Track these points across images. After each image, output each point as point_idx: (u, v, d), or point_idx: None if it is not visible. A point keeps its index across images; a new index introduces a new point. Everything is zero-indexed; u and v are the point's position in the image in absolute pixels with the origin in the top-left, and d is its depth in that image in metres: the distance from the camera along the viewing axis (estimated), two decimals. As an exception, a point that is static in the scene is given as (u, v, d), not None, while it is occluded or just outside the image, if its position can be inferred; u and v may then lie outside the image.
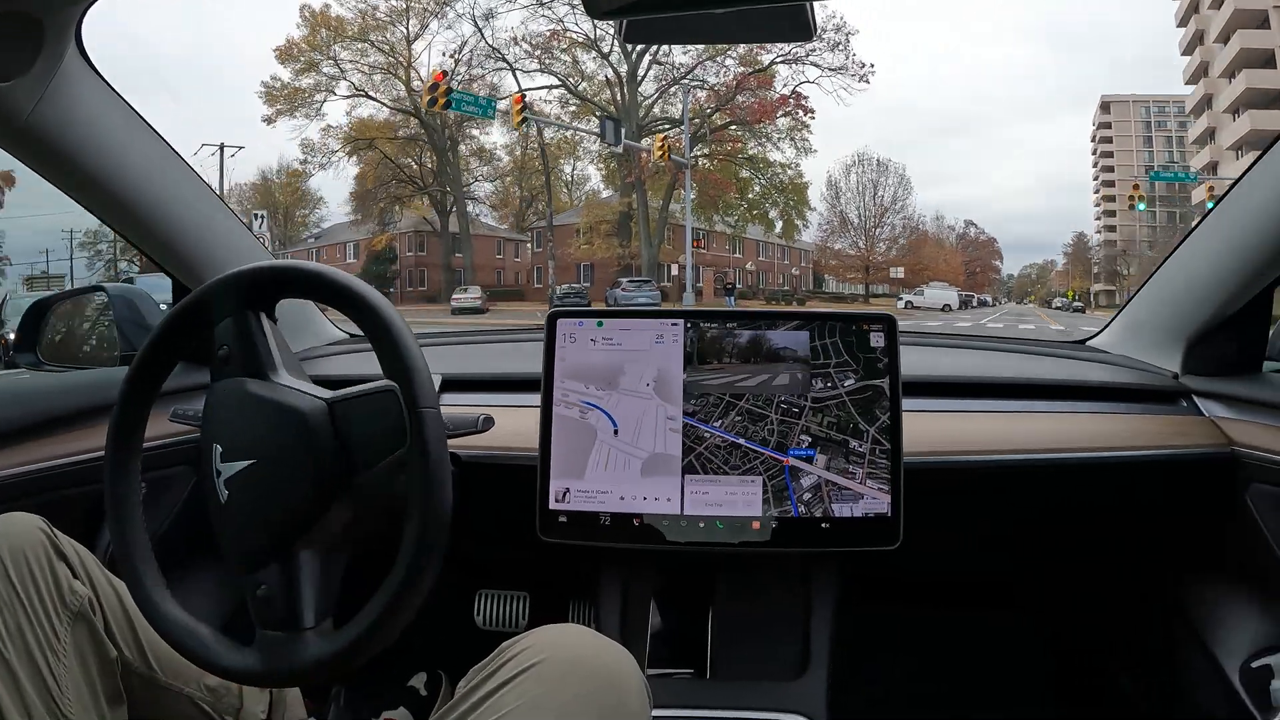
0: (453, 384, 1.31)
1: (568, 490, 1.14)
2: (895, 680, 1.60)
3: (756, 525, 1.13)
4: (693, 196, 29.76)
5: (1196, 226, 1.33)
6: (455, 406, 1.23)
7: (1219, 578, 1.31)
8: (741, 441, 1.14)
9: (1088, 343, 1.65)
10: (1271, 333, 1.32)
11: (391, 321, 0.79)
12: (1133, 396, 1.36)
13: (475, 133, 34.21)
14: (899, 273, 35.64)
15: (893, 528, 1.12)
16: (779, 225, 35.21)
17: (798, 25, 0.82)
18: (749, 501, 1.13)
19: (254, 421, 0.82)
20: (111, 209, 1.22)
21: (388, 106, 32.30)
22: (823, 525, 1.12)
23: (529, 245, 36.56)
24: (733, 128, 32.00)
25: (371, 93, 31.78)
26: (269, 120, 31.72)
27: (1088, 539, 1.43)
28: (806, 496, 1.13)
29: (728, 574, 1.28)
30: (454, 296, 29.15)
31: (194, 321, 0.88)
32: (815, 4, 0.78)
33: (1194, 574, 1.35)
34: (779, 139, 32.57)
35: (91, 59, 1.09)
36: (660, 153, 26.41)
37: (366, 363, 1.27)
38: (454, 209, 33.76)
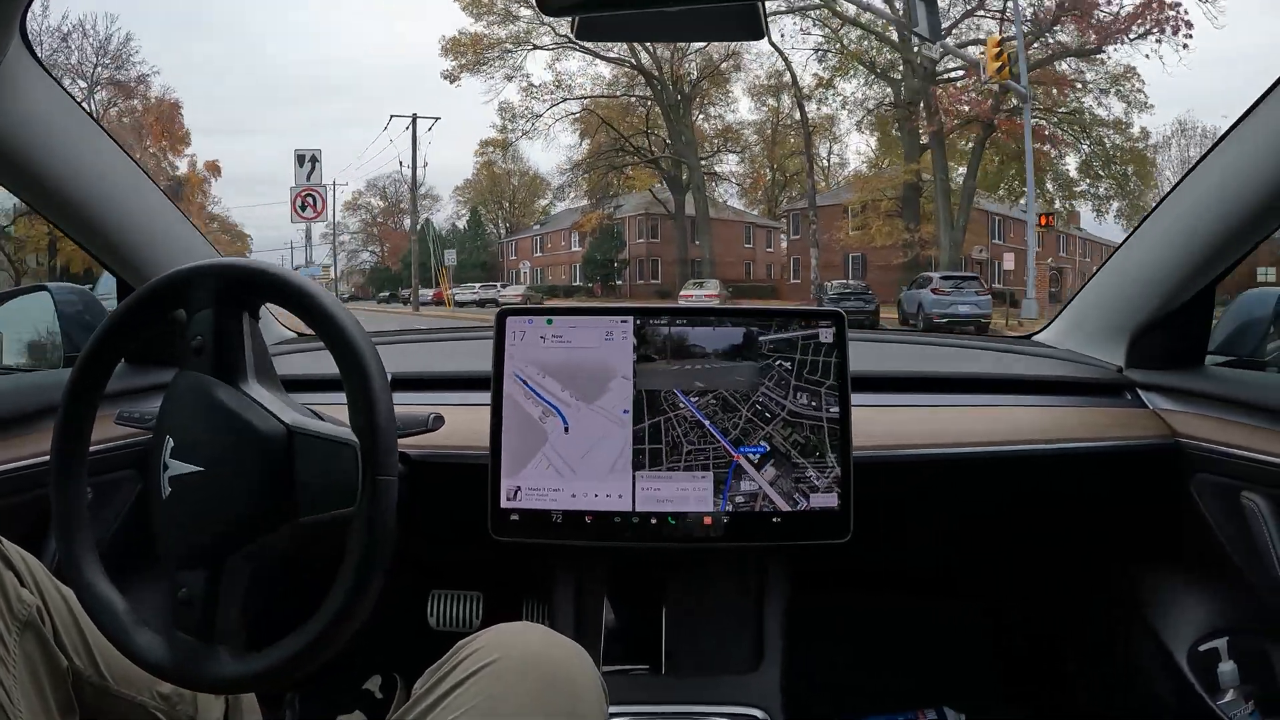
0: (404, 382, 1.30)
1: (519, 489, 1.14)
2: (848, 671, 1.61)
3: (708, 521, 1.13)
4: (998, 159, 21.47)
5: (1141, 224, 1.36)
6: (406, 405, 1.22)
7: (1166, 565, 1.34)
8: (706, 423, 1.15)
9: (1033, 337, 1.67)
10: (1213, 326, 1.35)
11: (370, 370, 0.77)
12: (1078, 390, 1.39)
13: (718, 110, 27.88)
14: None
15: (843, 521, 1.13)
16: (1114, 208, 24.00)
17: (748, 25, 0.84)
18: (700, 498, 1.13)
19: (210, 429, 0.80)
20: (55, 206, 1.19)
21: (602, 59, 26.28)
22: (774, 520, 1.13)
23: (783, 233, 29.80)
24: (1052, 66, 21.11)
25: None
26: (450, 77, 26.41)
27: (1035, 529, 1.45)
28: (739, 499, 1.14)
29: (680, 570, 1.28)
30: (683, 293, 23.18)
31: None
32: (765, 3, 0.79)
33: (1141, 562, 1.38)
34: (1103, 88, 21.66)
35: (37, 53, 1.06)
36: (997, 63, 17.52)
37: (315, 362, 1.26)
38: (689, 185, 27.22)
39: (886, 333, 1.86)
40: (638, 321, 1.16)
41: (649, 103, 27.19)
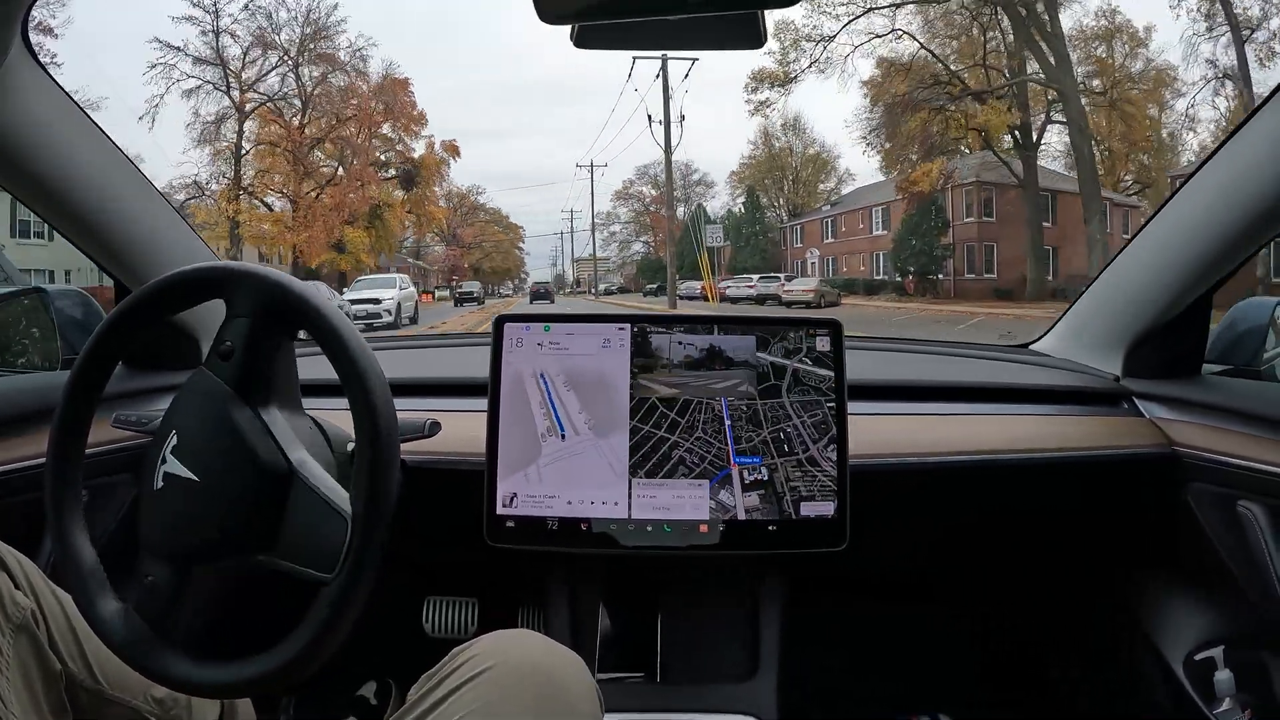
0: (402, 388, 1.29)
1: (515, 495, 1.14)
2: (844, 677, 1.61)
3: (704, 529, 1.13)
4: None
5: (1138, 233, 1.36)
6: (404, 411, 1.22)
7: (1162, 574, 1.34)
8: (727, 423, 1.14)
9: (1031, 346, 1.67)
10: (1210, 336, 1.35)
11: (387, 447, 0.78)
12: (1075, 399, 1.39)
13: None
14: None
15: (839, 529, 1.13)
16: None
17: (749, 33, 0.84)
18: (696, 505, 1.13)
19: (214, 442, 0.80)
20: (54, 208, 1.19)
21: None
22: (770, 528, 1.13)
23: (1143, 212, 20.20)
24: None
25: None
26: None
27: (1032, 538, 1.45)
28: (711, 503, 1.14)
29: (676, 577, 1.28)
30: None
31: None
32: (766, 12, 0.79)
33: (1138, 571, 1.38)
34: None
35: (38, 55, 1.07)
36: None
37: (312, 367, 1.25)
38: (1043, 132, 19.40)
39: (883, 341, 1.86)
40: (635, 329, 1.16)
41: (992, 10, 18.81)
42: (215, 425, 0.80)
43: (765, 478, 1.13)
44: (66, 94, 1.14)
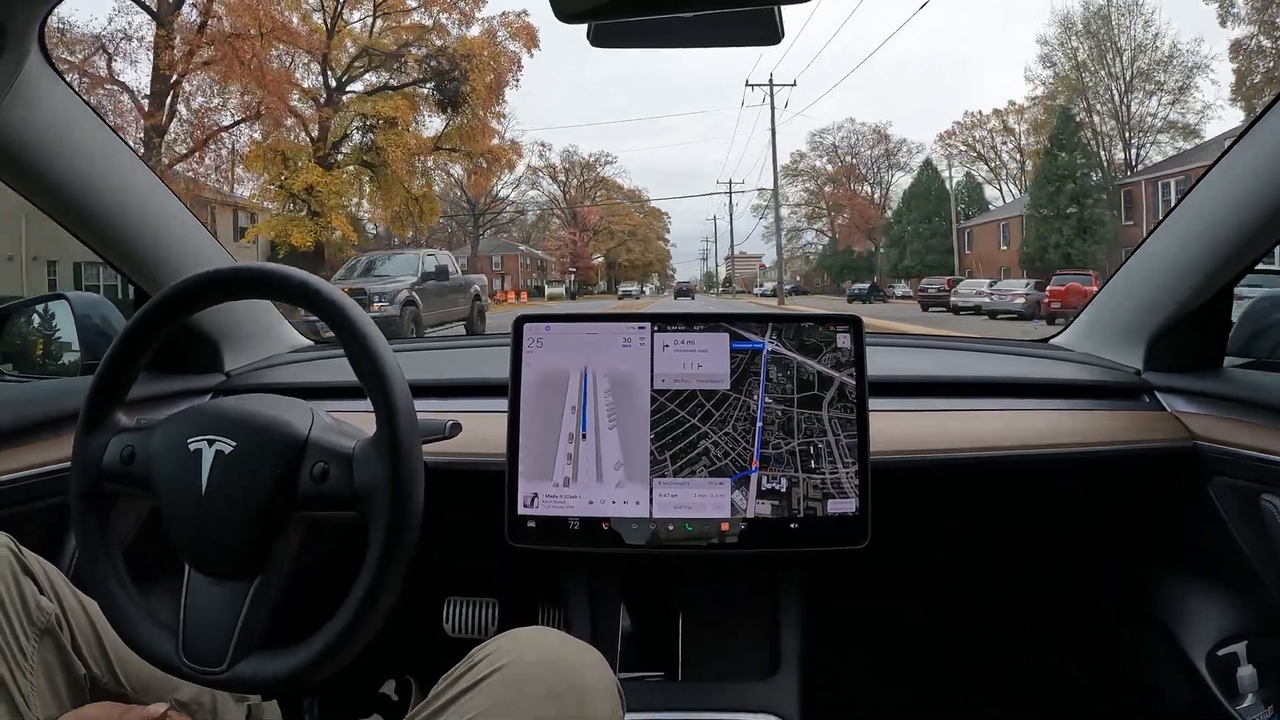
0: (422, 389, 1.30)
1: (536, 495, 1.14)
2: (866, 675, 1.61)
3: (725, 527, 1.13)
4: None
5: (1158, 226, 1.35)
6: (424, 413, 1.22)
7: (1184, 569, 1.33)
8: (759, 424, 1.14)
9: (1051, 341, 1.66)
10: (1232, 329, 1.34)
11: (409, 449, 0.80)
12: (1096, 393, 1.38)
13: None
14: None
15: (861, 526, 1.12)
16: None
17: (766, 29, 0.84)
18: (718, 504, 1.13)
19: (240, 491, 0.82)
20: (73, 214, 1.20)
21: None
22: (791, 526, 1.12)
23: None
24: None
25: None
26: None
27: (1053, 533, 1.45)
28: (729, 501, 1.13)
29: (696, 575, 1.28)
30: None
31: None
32: (783, 7, 0.79)
33: (1160, 566, 1.37)
34: None
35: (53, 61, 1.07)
36: None
37: (330, 369, 1.26)
38: None
39: (903, 337, 1.86)
40: (656, 328, 1.16)
41: None
42: (249, 484, 0.82)
43: (783, 489, 1.13)
44: (83, 100, 1.15)
